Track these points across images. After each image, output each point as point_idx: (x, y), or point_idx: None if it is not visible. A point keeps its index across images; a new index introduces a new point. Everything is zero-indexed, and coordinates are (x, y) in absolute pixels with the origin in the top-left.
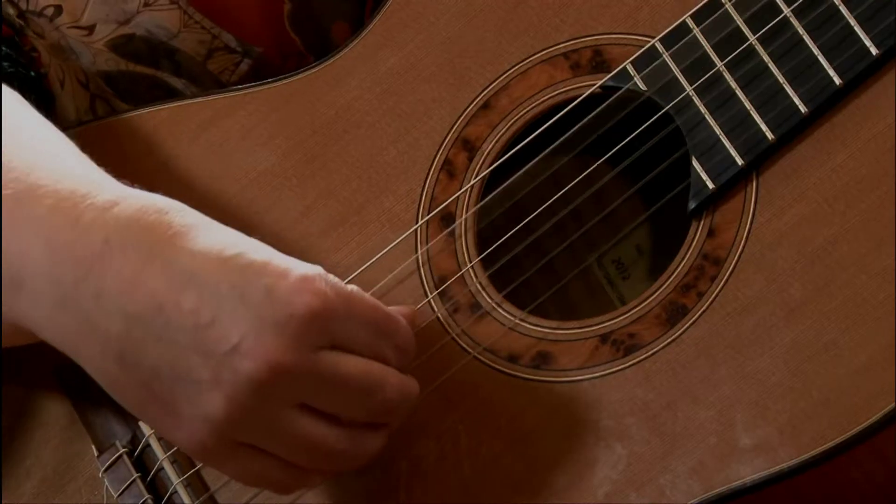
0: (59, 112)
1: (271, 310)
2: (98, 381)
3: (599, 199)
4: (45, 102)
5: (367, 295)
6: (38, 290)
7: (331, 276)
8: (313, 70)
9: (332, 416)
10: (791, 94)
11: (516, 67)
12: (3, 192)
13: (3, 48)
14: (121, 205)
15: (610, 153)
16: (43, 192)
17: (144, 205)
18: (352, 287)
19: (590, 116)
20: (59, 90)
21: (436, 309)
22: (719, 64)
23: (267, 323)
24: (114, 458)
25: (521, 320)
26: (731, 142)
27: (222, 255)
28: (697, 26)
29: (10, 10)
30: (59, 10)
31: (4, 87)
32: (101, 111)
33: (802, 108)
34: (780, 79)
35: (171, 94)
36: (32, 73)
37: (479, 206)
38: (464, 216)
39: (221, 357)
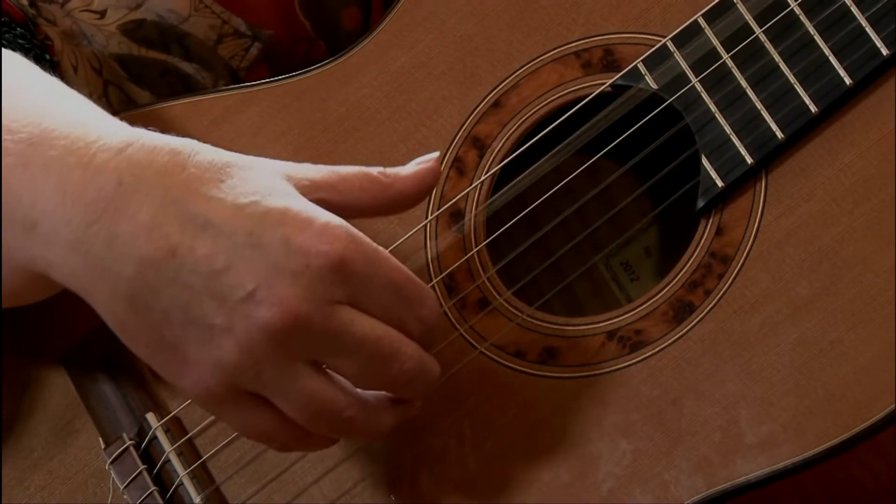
0: None
1: (287, 259)
2: (108, 323)
3: (608, 197)
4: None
5: (393, 259)
6: (51, 232)
7: (355, 230)
8: (324, 67)
9: (345, 382)
10: (801, 94)
11: (527, 66)
12: (18, 135)
13: (18, 28)
14: (133, 145)
15: (619, 151)
16: (56, 134)
17: (158, 145)
18: (377, 246)
19: (601, 115)
20: (73, 76)
21: (443, 304)
22: (730, 63)
23: (283, 272)
24: (120, 450)
25: (529, 316)
26: (741, 140)
27: (238, 202)
28: (709, 25)
29: (23, 0)
30: None
31: (15, 55)
32: (113, 97)
33: (812, 108)
34: (791, 78)
35: (183, 80)
36: (48, 57)
37: (488, 203)
38: (473, 213)
39: (235, 303)
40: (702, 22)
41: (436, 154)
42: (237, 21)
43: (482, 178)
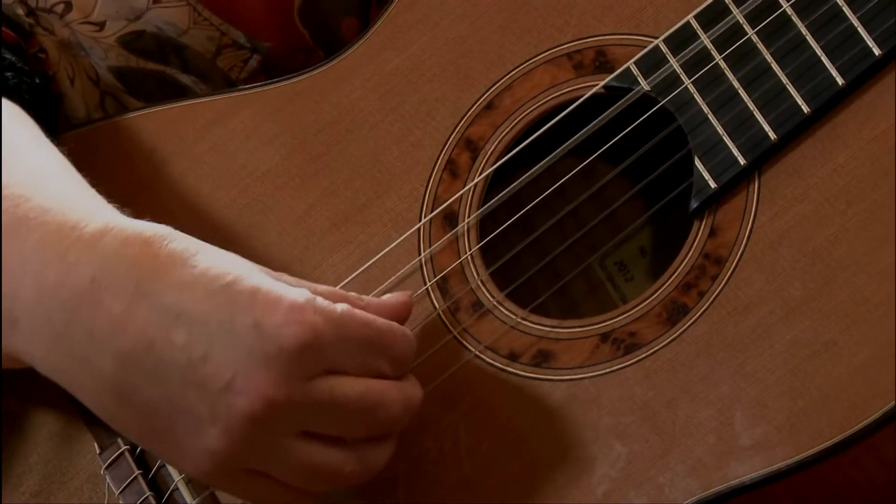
0: (69, 111)
1: (260, 344)
2: (98, 415)
3: (601, 198)
4: (52, 106)
5: (357, 312)
6: (32, 328)
7: (319, 301)
8: (317, 70)
9: (337, 438)
10: (793, 94)
11: (520, 68)
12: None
13: (7, 57)
14: (106, 237)
15: (612, 152)
16: (33, 224)
17: (129, 236)
18: (342, 307)
19: (596, 118)
20: (69, 88)
21: (437, 307)
22: (722, 63)
23: (258, 358)
24: (115, 455)
25: (522, 319)
26: (734, 141)
27: (209, 288)
28: (701, 26)
29: (20, 10)
30: (69, 6)
31: (5, 103)
32: (110, 108)
33: (805, 108)
34: (783, 79)
35: (181, 91)
36: (37, 80)
37: (482, 205)
38: (466, 215)
39: (216, 394)
40: (694, 23)
41: (408, 292)
42: (236, 33)
43: (475, 180)
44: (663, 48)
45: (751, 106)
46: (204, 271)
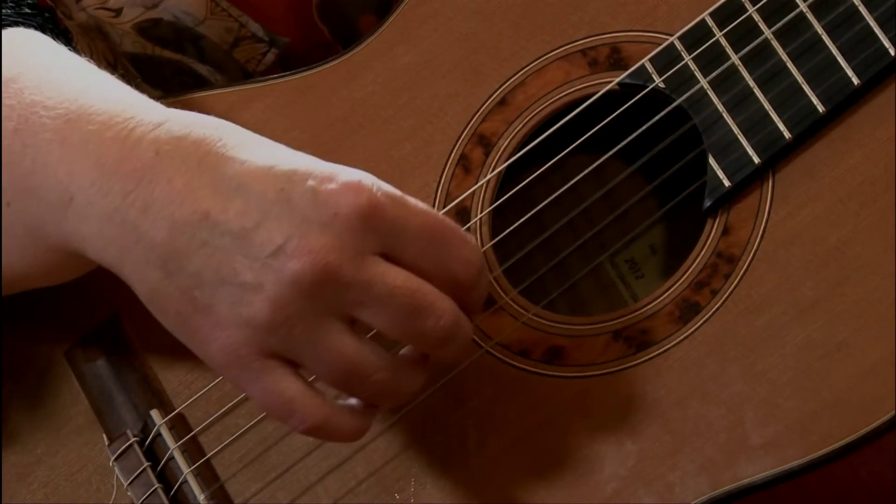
0: None
1: (316, 210)
2: (140, 293)
3: (614, 196)
4: None
5: (425, 204)
6: (87, 205)
7: (382, 182)
8: (329, 64)
9: (375, 342)
10: (809, 94)
11: (533, 64)
12: (55, 111)
13: (46, 13)
14: (170, 121)
15: (625, 150)
16: (93, 111)
17: (194, 121)
18: (406, 195)
19: (609, 115)
20: None
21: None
22: (737, 62)
23: (312, 223)
24: (124, 446)
25: (534, 315)
26: (748, 140)
27: (269, 163)
28: (716, 24)
29: None
30: None
31: (48, 38)
32: None
33: (820, 108)
34: (798, 78)
35: (197, 80)
36: (73, 45)
37: (494, 201)
38: (479, 211)
39: (266, 259)
40: (709, 21)
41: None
42: (254, 26)
43: (488, 176)
44: (678, 46)
45: (765, 105)
46: (265, 154)
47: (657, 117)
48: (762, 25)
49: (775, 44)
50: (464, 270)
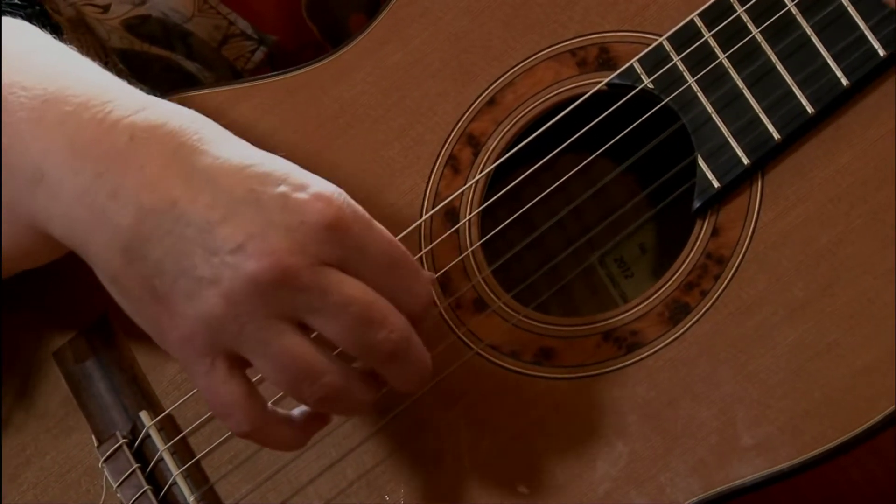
0: None
1: (283, 215)
2: (101, 276)
3: (604, 196)
4: None
5: (386, 232)
6: (57, 183)
7: (353, 202)
8: (319, 63)
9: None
10: (798, 95)
11: (522, 64)
12: (33, 91)
13: (37, 6)
14: (148, 109)
15: (615, 150)
16: (71, 93)
17: (173, 111)
18: (374, 221)
19: (598, 115)
20: None
21: (438, 304)
22: (726, 63)
23: (277, 226)
24: (113, 448)
25: (525, 317)
26: (738, 141)
27: (244, 163)
28: (705, 25)
29: None
30: None
31: (26, 23)
32: None
33: (809, 109)
34: (788, 79)
35: (186, 77)
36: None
37: (483, 202)
38: (468, 212)
39: (225, 255)
40: (698, 21)
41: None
42: (243, 23)
43: (477, 176)
44: (667, 46)
45: (755, 106)
46: (241, 152)
47: (644, 117)
48: (751, 26)
49: (764, 44)
50: (413, 303)
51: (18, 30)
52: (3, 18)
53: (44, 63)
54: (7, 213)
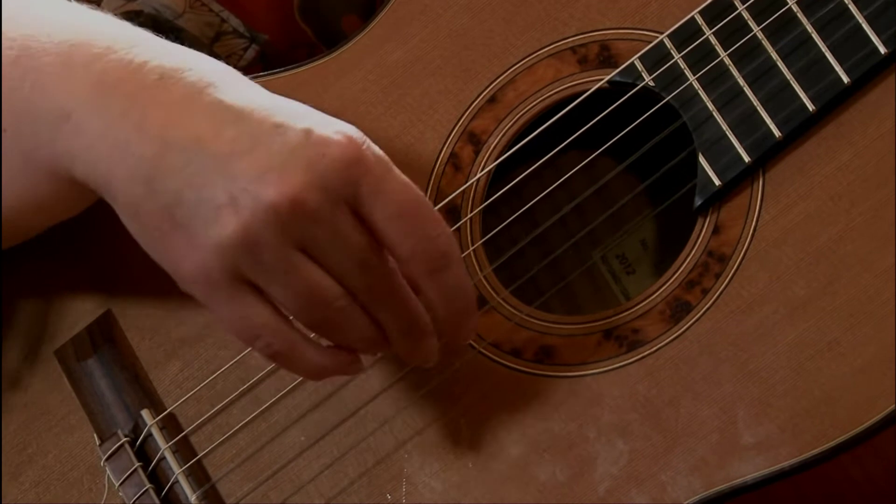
0: None
1: (306, 148)
2: (121, 209)
3: (606, 194)
4: None
5: (402, 174)
6: (84, 120)
7: (374, 144)
8: (320, 61)
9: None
10: (799, 92)
11: (523, 61)
12: (59, 38)
13: None
14: (174, 54)
15: (615, 147)
16: (98, 37)
17: (200, 57)
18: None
19: (600, 113)
20: None
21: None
22: (727, 60)
23: (299, 159)
24: (115, 447)
25: (526, 315)
26: (739, 139)
27: (272, 102)
28: (706, 22)
29: None
30: None
31: None
32: None
33: (810, 106)
34: (788, 76)
35: None
36: None
37: (485, 199)
38: (469, 210)
39: (246, 183)
40: (699, 19)
41: None
42: (235, 21)
43: (478, 174)
44: (668, 44)
45: (756, 103)
46: (272, 95)
47: (645, 115)
48: (752, 23)
49: (765, 42)
50: (426, 248)
51: None
52: None
53: (67, 13)
54: (27, 162)
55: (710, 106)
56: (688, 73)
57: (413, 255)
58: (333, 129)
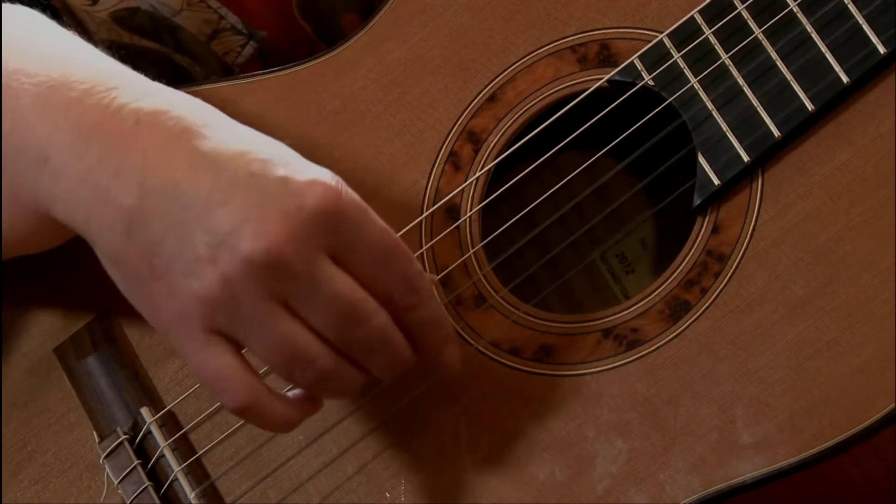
0: None
1: (282, 199)
2: (101, 254)
3: (604, 193)
4: None
5: (380, 219)
6: (63, 165)
7: (351, 190)
8: (319, 59)
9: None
10: (798, 92)
11: (523, 60)
12: (37, 78)
13: None
14: (153, 95)
15: (616, 148)
16: (76, 79)
17: (178, 98)
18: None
19: (599, 112)
20: None
21: (439, 300)
22: (727, 60)
23: (275, 209)
24: (114, 444)
25: (525, 313)
26: (738, 138)
27: (247, 147)
28: (705, 22)
29: None
30: None
31: (34, 11)
32: None
33: (809, 106)
34: (788, 76)
35: (176, 71)
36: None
37: (484, 199)
38: (469, 209)
39: (223, 236)
40: (699, 18)
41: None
42: (233, 18)
43: (478, 173)
44: (667, 43)
45: (755, 103)
46: (250, 138)
47: (647, 117)
48: (751, 23)
49: (765, 42)
50: (407, 291)
51: (20, 15)
52: (4, 4)
53: (47, 49)
54: (10, 196)
55: (710, 105)
56: (687, 72)
57: (391, 296)
58: (310, 176)
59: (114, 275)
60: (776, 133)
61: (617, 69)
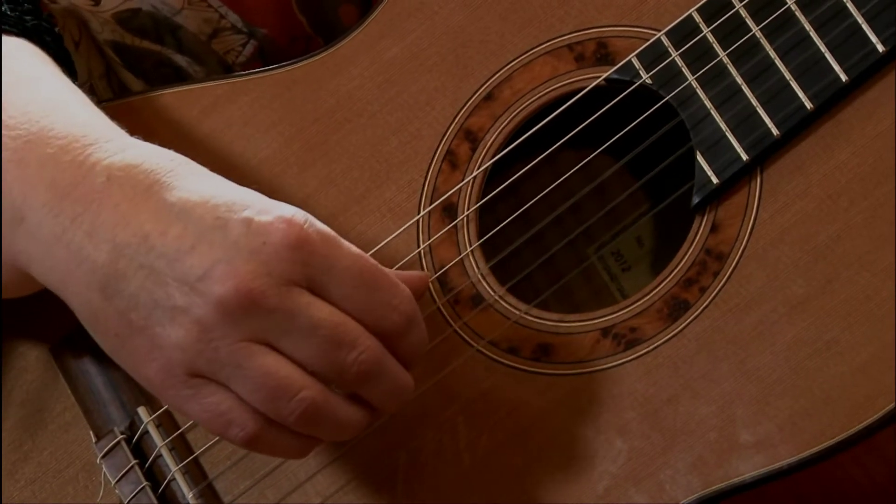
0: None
1: (248, 237)
2: (80, 315)
3: (602, 191)
4: (63, 58)
5: (355, 248)
6: (37, 225)
7: (318, 221)
8: (316, 58)
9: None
10: (797, 91)
11: (520, 59)
12: (15, 132)
13: (25, 3)
14: (127, 150)
15: (613, 146)
16: (53, 134)
17: (151, 152)
18: (339, 237)
19: (596, 111)
20: (74, 52)
21: (437, 300)
22: (725, 58)
23: (241, 250)
24: (112, 444)
25: (523, 313)
26: (736, 137)
27: (212, 193)
28: (703, 20)
29: None
30: None
31: (27, 43)
32: (113, 80)
33: (808, 105)
34: (786, 74)
35: (177, 72)
36: (56, 30)
37: (481, 198)
38: (466, 207)
39: (194, 283)
40: (696, 17)
41: (426, 273)
42: (234, 17)
43: (475, 172)
44: (665, 41)
45: (753, 102)
46: (215, 185)
47: (645, 115)
48: (749, 21)
49: (763, 40)
50: (389, 317)
51: (15, 53)
52: (4, 38)
53: (29, 99)
54: None
55: (708, 104)
56: (685, 71)
57: (378, 327)
58: (273, 215)
59: (95, 335)
60: (775, 132)
61: (615, 67)
